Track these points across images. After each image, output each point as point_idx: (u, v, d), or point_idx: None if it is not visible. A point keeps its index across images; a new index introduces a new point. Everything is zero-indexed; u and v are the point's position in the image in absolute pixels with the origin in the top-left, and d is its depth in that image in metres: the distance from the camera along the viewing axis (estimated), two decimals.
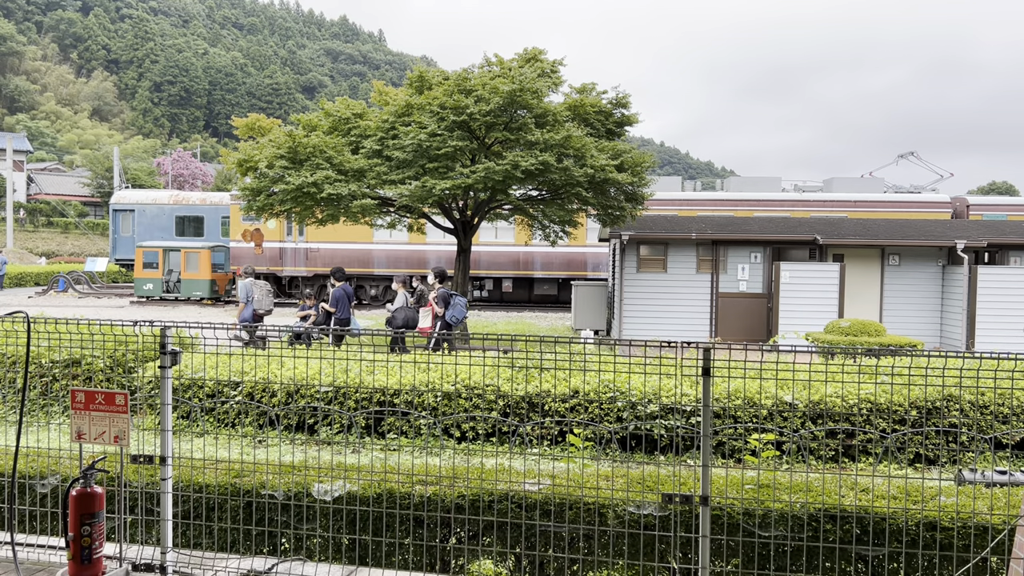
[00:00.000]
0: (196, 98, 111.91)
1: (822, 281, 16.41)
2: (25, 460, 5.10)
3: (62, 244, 53.17)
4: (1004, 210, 25.92)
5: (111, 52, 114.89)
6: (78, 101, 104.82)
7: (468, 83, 14.89)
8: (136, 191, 36.02)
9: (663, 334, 16.69)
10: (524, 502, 4.58)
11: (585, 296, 19.37)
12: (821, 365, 6.94)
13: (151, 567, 4.42)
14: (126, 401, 4.25)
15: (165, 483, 4.37)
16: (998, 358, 3.86)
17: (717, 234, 17.21)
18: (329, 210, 15.71)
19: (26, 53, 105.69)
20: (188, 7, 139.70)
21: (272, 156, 15.22)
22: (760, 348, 4.31)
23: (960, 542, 4.24)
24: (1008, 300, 15.92)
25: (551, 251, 25.75)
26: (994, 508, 4.33)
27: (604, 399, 8.07)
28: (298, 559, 4.62)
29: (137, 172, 60.72)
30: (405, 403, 8.28)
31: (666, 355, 4.19)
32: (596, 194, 15.44)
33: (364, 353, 7.45)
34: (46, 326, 4.85)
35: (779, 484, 4.61)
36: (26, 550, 4.65)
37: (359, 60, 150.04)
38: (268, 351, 8.16)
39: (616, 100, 16.54)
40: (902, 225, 18.74)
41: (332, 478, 4.74)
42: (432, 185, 14.19)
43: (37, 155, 78.08)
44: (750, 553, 4.39)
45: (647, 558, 4.47)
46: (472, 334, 7.39)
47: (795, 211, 24.42)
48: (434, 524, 4.67)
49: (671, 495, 4.18)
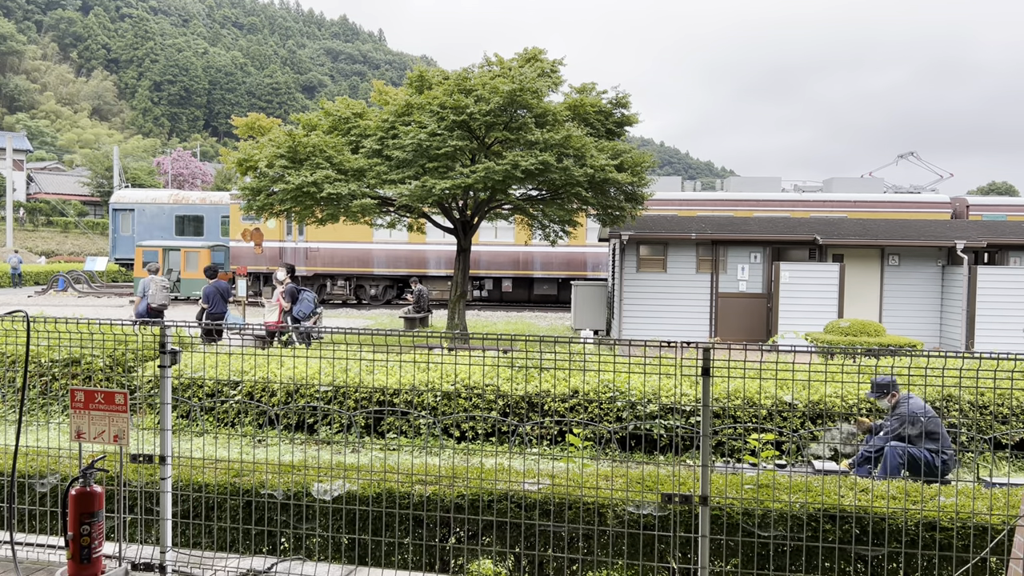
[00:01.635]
0: (196, 97, 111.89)
1: (822, 281, 16.41)
2: (25, 459, 5.10)
3: (62, 243, 53.15)
4: (1004, 210, 25.92)
5: (111, 51, 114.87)
6: (78, 100, 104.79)
7: (468, 83, 14.88)
8: (136, 190, 36.02)
9: (663, 334, 16.69)
10: (524, 502, 4.58)
11: (585, 296, 19.37)
12: (821, 365, 6.94)
13: (150, 566, 4.41)
14: (125, 400, 4.24)
15: (164, 482, 4.37)
16: (997, 358, 3.86)
17: (717, 234, 17.21)
18: (329, 210, 15.70)
19: (26, 52, 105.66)
20: (188, 6, 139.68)
21: (272, 156, 15.21)
22: (760, 348, 4.31)
23: (959, 542, 4.24)
24: (1008, 300, 15.92)
25: (551, 251, 25.75)
26: (993, 508, 4.33)
27: (604, 399, 8.06)
28: (297, 559, 4.62)
29: (137, 171, 60.69)
30: (405, 403, 8.28)
31: (666, 355, 4.19)
32: (596, 194, 15.43)
33: (364, 352, 7.44)
34: (46, 325, 4.85)
35: (778, 484, 4.61)
36: (25, 549, 4.65)
37: (359, 60, 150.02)
38: (268, 351, 8.16)
39: (616, 100, 16.52)
40: (902, 225, 18.74)
41: (332, 478, 4.74)
42: (432, 185, 14.19)
43: (37, 154, 78.05)
44: (749, 553, 4.39)
45: (647, 558, 4.47)
46: (472, 334, 7.38)
47: (795, 211, 24.42)
48: (434, 524, 4.67)
49: (670, 495, 4.18)
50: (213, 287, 13.50)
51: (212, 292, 13.45)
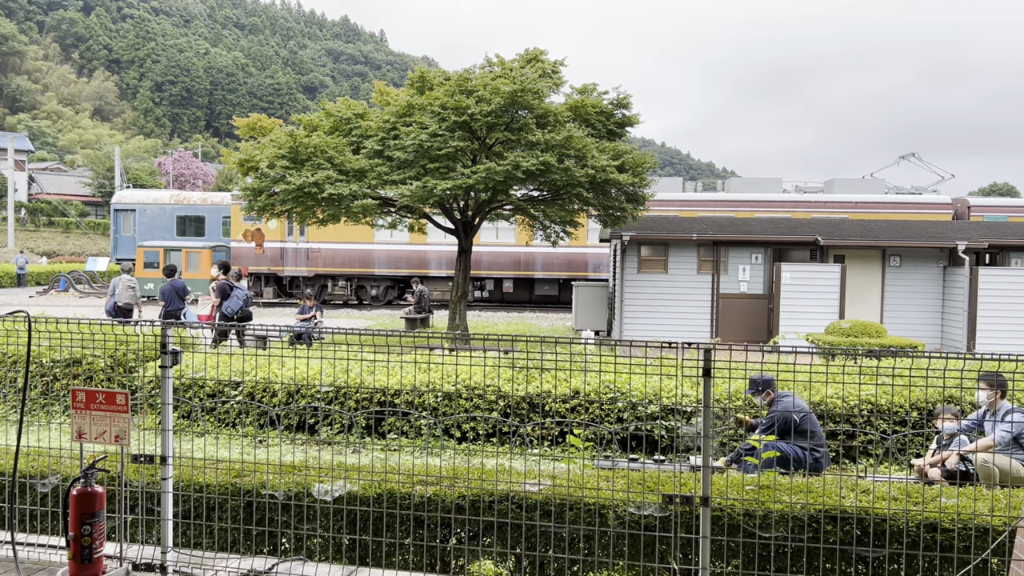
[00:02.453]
0: (197, 98, 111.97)
1: (823, 282, 16.40)
2: (26, 459, 5.10)
3: (63, 244, 53.19)
4: (1005, 211, 25.90)
5: (112, 52, 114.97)
6: (79, 101, 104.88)
7: (469, 83, 14.89)
8: (137, 191, 36.06)
9: (664, 335, 16.69)
10: (524, 503, 4.58)
11: (586, 297, 19.36)
12: (822, 366, 6.94)
13: (151, 567, 4.42)
14: (127, 401, 4.25)
15: (165, 483, 4.37)
16: (999, 359, 3.86)
17: (718, 235, 17.21)
18: (330, 210, 15.71)
19: (28, 53, 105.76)
20: (189, 7, 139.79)
21: (273, 156, 15.23)
22: (761, 349, 4.31)
23: (961, 543, 4.23)
24: (1009, 301, 15.90)
25: (552, 251, 25.75)
26: (995, 510, 4.33)
27: (605, 400, 8.06)
28: (298, 559, 4.62)
29: (138, 172, 60.74)
30: (406, 403, 8.28)
31: (667, 356, 4.18)
32: (597, 195, 15.43)
33: (365, 353, 7.44)
34: (47, 325, 4.85)
35: (779, 485, 4.61)
36: (26, 549, 4.65)
37: (360, 60, 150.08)
38: (268, 351, 8.16)
39: (617, 101, 16.52)
40: (903, 226, 18.73)
41: (332, 478, 4.74)
42: (433, 185, 14.19)
43: (38, 155, 78.15)
44: (750, 554, 4.39)
45: (647, 559, 4.47)
46: (473, 334, 7.39)
47: (796, 212, 24.41)
48: (434, 524, 4.67)
49: (671, 496, 4.18)
50: (170, 286, 14.02)
51: (168, 290, 13.98)
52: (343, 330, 4.57)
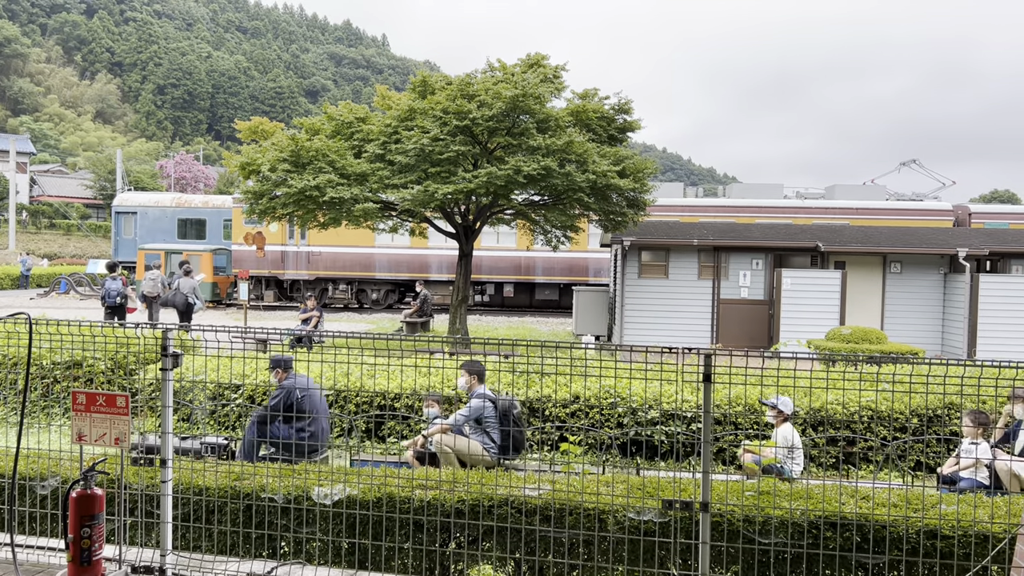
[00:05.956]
0: (199, 101, 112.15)
1: (824, 288, 16.40)
2: (26, 461, 5.10)
3: (64, 246, 53.21)
4: (1006, 218, 25.90)
5: (115, 55, 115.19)
6: (81, 103, 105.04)
7: (471, 88, 14.91)
8: (138, 193, 36.07)
9: (664, 340, 16.68)
10: (524, 507, 4.58)
11: (586, 301, 19.36)
12: (822, 372, 6.94)
13: (151, 569, 4.41)
14: (127, 403, 4.25)
15: (165, 485, 4.37)
16: (999, 366, 3.86)
17: (719, 240, 17.21)
18: (331, 214, 15.73)
19: (30, 55, 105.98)
20: (192, 10, 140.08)
21: (275, 159, 15.25)
22: (761, 355, 4.31)
23: (960, 550, 4.23)
24: (1010, 308, 15.90)
25: (552, 256, 25.74)
26: (995, 517, 4.33)
27: (605, 404, 8.06)
28: (298, 563, 4.62)
29: (140, 175, 60.75)
30: (406, 407, 8.28)
31: (667, 361, 4.19)
32: (598, 200, 15.44)
33: (365, 357, 7.45)
34: (48, 328, 4.86)
35: (779, 491, 4.61)
36: (26, 551, 4.65)
37: (362, 64, 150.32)
38: (269, 353, 8.16)
39: (618, 106, 16.54)
40: (904, 233, 18.73)
41: (332, 482, 4.74)
42: (434, 189, 14.21)
43: (40, 157, 78.24)
44: (750, 560, 4.38)
45: (647, 564, 4.47)
46: (473, 338, 7.39)
47: (797, 218, 24.42)
48: (434, 529, 4.67)
49: (671, 501, 4.18)
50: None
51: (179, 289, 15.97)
52: (343, 334, 4.57)
